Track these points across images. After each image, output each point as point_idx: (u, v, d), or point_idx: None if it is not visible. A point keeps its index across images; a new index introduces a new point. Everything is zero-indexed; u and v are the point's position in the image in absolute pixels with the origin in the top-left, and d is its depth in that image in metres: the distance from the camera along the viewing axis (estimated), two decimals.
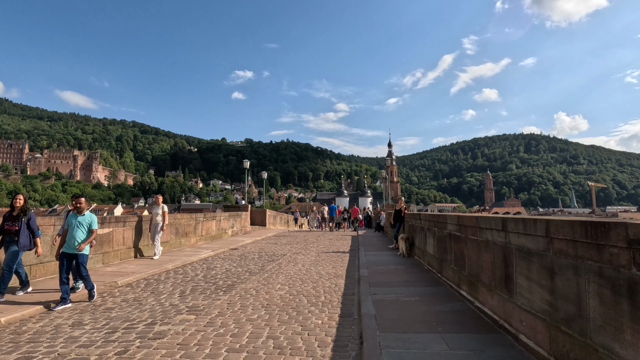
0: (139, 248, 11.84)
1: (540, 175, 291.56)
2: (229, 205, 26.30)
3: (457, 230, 6.96)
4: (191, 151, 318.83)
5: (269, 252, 13.71)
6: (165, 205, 11.99)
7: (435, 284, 7.63)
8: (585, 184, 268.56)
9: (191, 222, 15.76)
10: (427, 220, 9.76)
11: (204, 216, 17.26)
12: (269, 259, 12.01)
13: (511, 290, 4.56)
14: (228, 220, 20.38)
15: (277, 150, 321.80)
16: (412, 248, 11.94)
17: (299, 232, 25.09)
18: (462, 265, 6.59)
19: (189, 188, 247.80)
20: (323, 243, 17.42)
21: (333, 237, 21.08)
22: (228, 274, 9.23)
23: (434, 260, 8.90)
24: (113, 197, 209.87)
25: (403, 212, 14.15)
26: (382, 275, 8.85)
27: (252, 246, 16.09)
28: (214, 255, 13.25)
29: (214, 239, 18.03)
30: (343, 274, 9.40)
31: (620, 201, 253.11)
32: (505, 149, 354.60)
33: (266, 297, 6.87)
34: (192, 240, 15.76)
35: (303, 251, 14.10)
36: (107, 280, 8.24)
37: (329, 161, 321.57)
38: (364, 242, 17.39)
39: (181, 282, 8.38)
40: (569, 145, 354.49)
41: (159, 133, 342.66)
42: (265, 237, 20.52)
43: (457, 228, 6.96)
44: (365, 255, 12.48)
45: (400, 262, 10.75)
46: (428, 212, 10.13)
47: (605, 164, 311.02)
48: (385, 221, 22.47)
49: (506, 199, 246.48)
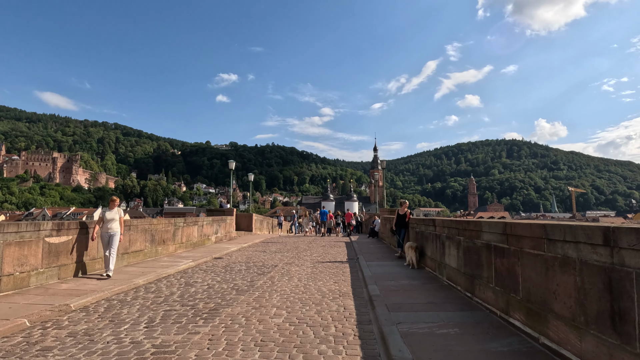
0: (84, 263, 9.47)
1: (522, 181, 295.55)
2: (213, 210, 24.55)
3: (500, 241, 5.52)
4: (175, 154, 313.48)
5: (258, 263, 12.10)
6: (122, 210, 9.87)
7: (469, 308, 6.17)
8: (566, 189, 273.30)
9: (169, 228, 14.04)
10: (447, 227, 8.33)
11: (185, 221, 15.54)
12: (259, 271, 10.41)
13: (627, 335, 3.12)
14: (211, 225, 18.67)
15: (262, 154, 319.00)
16: (421, 258, 10.50)
17: (288, 239, 23.49)
18: (512, 287, 5.15)
19: (172, 192, 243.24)
20: (316, 251, 15.87)
21: (325, 243, 19.54)
22: (210, 293, 7.61)
23: (458, 276, 7.45)
24: (94, 200, 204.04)
25: (408, 217, 12.73)
26: (397, 293, 7.36)
27: (238, 255, 14.45)
28: (194, 266, 11.58)
29: (196, 247, 16.32)
30: (349, 291, 7.87)
31: (598, 206, 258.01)
32: (488, 154, 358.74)
33: (259, 329, 5.30)
34: (171, 249, 14.04)
35: (296, 261, 12.53)
36: (58, 303, 6.56)
37: (314, 165, 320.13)
38: (361, 249, 15.90)
39: (152, 304, 6.74)
40: (550, 151, 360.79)
41: (142, 135, 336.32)
42: (252, 244, 18.87)
43: (501, 238, 5.52)
44: (367, 266, 10.99)
45: (412, 276, 9.29)
46: (446, 218, 8.69)
47: (584, 170, 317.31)
48: (382, 227, 21.05)
49: (489, 203, 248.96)
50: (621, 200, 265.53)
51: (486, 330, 4.99)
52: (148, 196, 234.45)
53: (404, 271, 10.06)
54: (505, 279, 5.37)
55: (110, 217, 9.33)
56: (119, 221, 9.47)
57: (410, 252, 10.47)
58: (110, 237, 9.21)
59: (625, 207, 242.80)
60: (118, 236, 9.33)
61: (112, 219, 9.33)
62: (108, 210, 9.48)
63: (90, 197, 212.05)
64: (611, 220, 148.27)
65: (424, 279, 8.88)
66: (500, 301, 5.49)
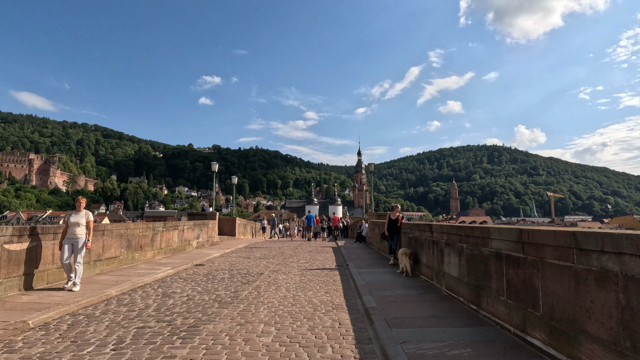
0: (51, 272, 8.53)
1: (503, 186, 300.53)
2: (195, 213, 23.65)
3: (514, 250, 5.00)
4: (156, 157, 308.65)
5: (242, 270, 11.38)
6: (90, 213, 8.54)
7: (477, 323, 5.61)
8: (545, 194, 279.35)
9: (147, 233, 13.19)
10: (446, 233, 7.80)
11: (164, 226, 14.70)
12: (243, 279, 9.70)
13: None
14: (193, 230, 17.83)
15: (246, 157, 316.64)
16: (416, 265, 9.96)
17: (273, 244, 22.76)
18: (530, 301, 4.61)
19: (153, 195, 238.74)
20: (303, 257, 15.22)
21: (312, 248, 18.90)
22: (190, 305, 6.89)
23: (460, 286, 6.91)
24: (72, 203, 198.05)
25: (400, 222, 12.20)
26: (395, 305, 6.78)
27: (221, 261, 13.68)
28: (173, 273, 10.80)
29: (176, 252, 15.48)
30: (342, 302, 7.25)
31: (576, 211, 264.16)
32: (470, 159, 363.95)
33: (245, 351, 4.63)
34: (149, 255, 13.19)
35: (283, 268, 11.85)
36: (14, 319, 5.75)
37: (298, 169, 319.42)
38: (350, 255, 15.31)
39: (123, 319, 5.99)
40: (529, 156, 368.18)
41: (123, 137, 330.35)
42: (235, 249, 18.09)
43: (514, 246, 4.99)
44: (359, 273, 10.40)
45: (408, 285, 8.73)
46: (445, 223, 8.17)
47: (562, 176, 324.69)
48: (369, 231, 20.51)
49: (471, 208, 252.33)
50: (597, 206, 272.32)
51: (502, 351, 4.43)
52: (128, 199, 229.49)
53: (398, 279, 9.49)
54: (521, 292, 4.83)
55: (75, 220, 8.06)
56: (87, 226, 8.24)
57: (404, 259, 9.92)
58: (75, 244, 7.97)
59: (601, 212, 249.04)
60: (84, 243, 8.09)
61: (76, 223, 8.04)
62: (74, 213, 8.27)
63: (69, 199, 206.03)
64: (589, 225, 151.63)
65: (420, 288, 8.33)
66: (515, 316, 4.95)
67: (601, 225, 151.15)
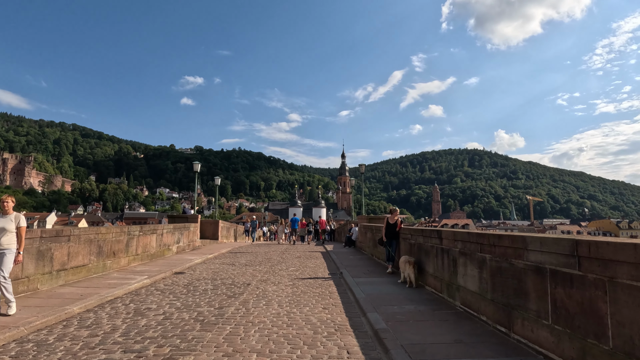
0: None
1: (483, 189, 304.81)
2: (175, 216, 22.33)
3: (566, 265, 4.10)
4: (137, 157, 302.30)
5: (227, 280, 10.28)
6: (23, 217, 6.41)
7: (513, 351, 4.70)
8: (524, 198, 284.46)
9: (122, 238, 11.97)
10: (460, 241, 6.91)
11: (141, 229, 13.47)
12: (229, 291, 8.63)
13: None
14: (173, 233, 16.61)
15: (229, 159, 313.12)
16: (420, 275, 9.06)
17: (258, 248, 21.63)
18: (592, 330, 3.72)
19: (133, 196, 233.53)
20: (292, 263, 14.18)
21: (300, 254, 17.87)
22: (166, 327, 5.80)
23: (481, 303, 6.01)
24: (48, 204, 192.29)
25: (399, 227, 11.30)
26: (408, 326, 5.84)
27: (203, 269, 12.55)
28: (150, 284, 9.65)
29: (154, 259, 14.25)
30: (345, 321, 6.27)
31: (554, 214, 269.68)
32: (451, 163, 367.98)
33: None
34: (123, 262, 11.96)
35: (271, 277, 10.80)
36: None
37: (282, 171, 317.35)
38: (342, 262, 14.35)
39: (82, 348, 4.88)
40: (509, 161, 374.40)
41: (102, 137, 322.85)
42: (218, 255, 16.94)
43: (566, 261, 4.10)
44: (356, 284, 9.44)
45: (415, 298, 7.80)
46: (459, 230, 7.27)
47: (541, 179, 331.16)
48: (360, 236, 19.60)
49: (452, 210, 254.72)
50: (574, 209, 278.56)
51: None
52: (108, 200, 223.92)
53: (401, 291, 8.57)
54: (577, 317, 3.94)
55: (0, 226, 6.14)
56: (17, 233, 6.30)
57: (407, 267, 9.01)
58: (1, 256, 6.07)
59: (578, 215, 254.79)
60: (12, 255, 6.18)
61: (2, 229, 6.12)
62: (2, 216, 6.29)
63: (44, 200, 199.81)
64: (567, 229, 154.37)
65: (430, 302, 7.42)
66: (568, 347, 4.05)
67: (579, 228, 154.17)
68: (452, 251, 7.28)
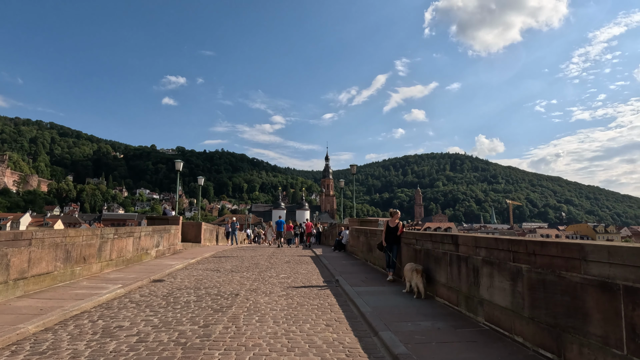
0: None
1: (464, 193, 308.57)
2: (155, 217, 20.99)
3: None
4: (117, 157, 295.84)
5: (212, 289, 9.21)
6: None
7: None
8: (504, 202, 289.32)
9: (93, 241, 10.76)
10: (485, 248, 6.04)
11: (116, 232, 12.26)
12: (215, 303, 7.58)
13: None
14: (152, 236, 15.39)
15: (211, 160, 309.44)
16: (428, 285, 8.17)
17: (244, 252, 20.51)
18: None
19: (112, 197, 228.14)
20: (282, 269, 13.16)
21: (289, 258, 16.85)
22: (140, 354, 4.74)
23: (516, 321, 5.13)
24: (22, 204, 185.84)
25: (400, 231, 10.42)
26: (431, 350, 4.92)
27: (185, 275, 11.42)
28: (124, 294, 8.51)
29: (130, 264, 13.04)
30: (355, 343, 5.32)
31: (532, 218, 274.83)
32: (433, 166, 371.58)
33: None
34: (94, 268, 10.75)
35: (262, 286, 9.76)
36: None
37: (265, 173, 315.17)
38: (335, 268, 13.40)
39: None
40: (490, 165, 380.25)
41: (81, 136, 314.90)
42: (201, 259, 15.80)
43: None
44: (357, 294, 8.50)
45: (428, 312, 6.90)
46: (480, 235, 6.38)
47: (520, 184, 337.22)
48: (352, 239, 18.69)
49: (434, 214, 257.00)
50: (552, 213, 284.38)
51: None
52: (85, 201, 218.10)
53: (410, 303, 7.66)
54: None
55: None
56: None
57: (415, 276, 8.11)
58: None
59: (555, 219, 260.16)
60: None
61: None
62: None
63: (19, 200, 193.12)
64: (546, 232, 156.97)
65: (446, 317, 6.53)
66: None
67: (558, 232, 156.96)
68: (473, 259, 6.41)
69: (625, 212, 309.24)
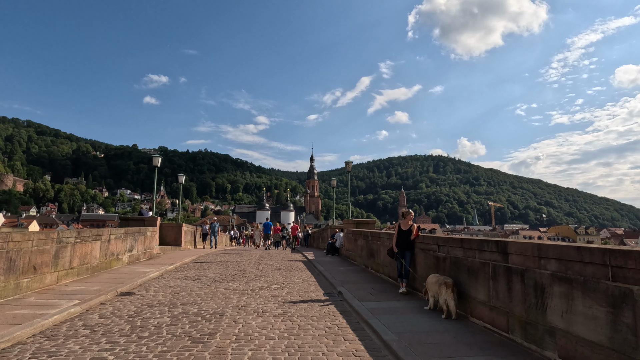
0: None
1: (447, 194, 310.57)
2: (130, 218, 19.04)
3: None
4: (97, 157, 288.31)
5: (191, 306, 7.52)
6: None
7: None
8: (486, 204, 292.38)
9: (48, 246, 8.93)
10: (559, 260, 4.52)
11: (78, 235, 10.41)
12: (193, 328, 5.91)
13: None
14: (124, 240, 13.54)
15: (194, 160, 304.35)
16: (460, 301, 6.66)
17: (228, 256, 18.75)
18: None
19: (92, 197, 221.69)
20: (273, 277, 11.50)
21: (279, 264, 15.19)
22: None
23: None
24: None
25: (415, 234, 8.90)
26: None
27: (160, 286, 9.68)
28: (78, 314, 6.77)
29: (97, 272, 11.21)
30: None
31: (513, 220, 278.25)
32: (417, 168, 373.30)
33: None
34: (49, 279, 8.93)
35: (252, 301, 8.10)
36: None
37: (249, 174, 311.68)
38: (334, 275, 11.81)
39: None
40: (472, 167, 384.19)
41: (60, 135, 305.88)
42: (180, 265, 14.03)
43: None
44: (370, 313, 6.94)
45: (471, 341, 5.36)
46: (545, 242, 4.84)
47: (501, 186, 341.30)
48: (348, 243, 17.10)
49: (417, 215, 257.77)
50: (532, 215, 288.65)
51: None
52: (64, 201, 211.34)
53: (441, 326, 6.11)
54: None
55: None
56: None
57: (444, 291, 6.58)
58: None
59: (535, 220, 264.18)
60: None
61: None
62: None
63: None
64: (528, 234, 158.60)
65: (497, 348, 5.00)
66: None
67: (540, 233, 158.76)
68: (534, 273, 4.90)
69: (602, 214, 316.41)
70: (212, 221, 26.83)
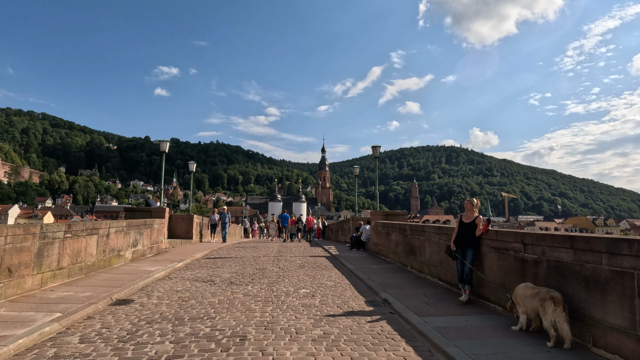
0: None
1: (460, 185, 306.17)
2: (135, 209, 17.44)
3: None
4: (110, 149, 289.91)
5: (202, 322, 5.79)
6: None
7: None
8: (499, 195, 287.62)
9: (28, 242, 7.27)
10: None
11: (69, 228, 8.75)
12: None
13: None
14: (126, 233, 11.91)
15: (206, 152, 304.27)
16: (574, 324, 4.83)
17: (243, 250, 17.09)
18: None
19: (105, 189, 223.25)
20: (298, 278, 9.74)
21: (300, 260, 13.44)
22: None
23: None
24: (14, 196, 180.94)
25: (485, 229, 7.03)
26: None
27: (165, 291, 7.99)
28: (55, 336, 5.09)
29: (92, 272, 9.58)
30: None
31: (527, 211, 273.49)
32: (429, 159, 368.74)
33: None
34: (29, 283, 7.28)
35: (279, 313, 6.34)
36: None
37: (260, 165, 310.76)
38: (369, 276, 10.00)
39: None
40: (485, 158, 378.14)
41: (74, 128, 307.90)
42: (190, 263, 12.38)
43: None
44: (443, 336, 5.14)
45: None
46: None
47: (515, 177, 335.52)
48: (376, 237, 15.27)
49: (430, 207, 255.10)
50: (546, 206, 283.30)
51: None
52: (78, 193, 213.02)
53: None
54: None
55: None
56: None
57: (549, 309, 4.73)
58: None
59: (550, 212, 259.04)
60: None
61: None
62: None
63: (10, 192, 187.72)
64: (543, 225, 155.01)
65: None
66: None
67: (557, 224, 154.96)
68: None
69: (618, 205, 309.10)
70: (222, 210, 22.81)
